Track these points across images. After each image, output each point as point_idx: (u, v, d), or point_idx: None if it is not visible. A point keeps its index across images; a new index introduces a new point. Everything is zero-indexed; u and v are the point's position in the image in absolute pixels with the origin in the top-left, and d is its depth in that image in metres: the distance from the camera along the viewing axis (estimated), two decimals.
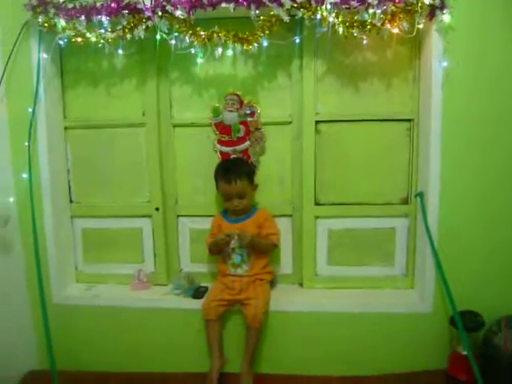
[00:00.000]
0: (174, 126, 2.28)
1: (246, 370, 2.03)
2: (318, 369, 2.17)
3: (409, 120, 2.17)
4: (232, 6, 1.91)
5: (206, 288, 2.27)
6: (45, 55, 2.09)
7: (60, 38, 2.02)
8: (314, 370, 2.17)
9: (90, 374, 2.23)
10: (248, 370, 2.03)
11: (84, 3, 1.99)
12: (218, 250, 2.18)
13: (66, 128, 2.31)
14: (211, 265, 2.36)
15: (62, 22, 1.99)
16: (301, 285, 2.35)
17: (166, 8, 1.92)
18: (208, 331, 2.10)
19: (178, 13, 1.93)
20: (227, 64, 2.19)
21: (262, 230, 2.16)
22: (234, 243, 2.07)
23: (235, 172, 2.10)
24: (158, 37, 1.98)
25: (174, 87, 2.25)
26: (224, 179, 2.10)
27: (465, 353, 1.99)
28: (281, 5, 1.89)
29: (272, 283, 2.27)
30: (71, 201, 2.37)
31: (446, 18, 1.88)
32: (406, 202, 2.23)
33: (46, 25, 2.00)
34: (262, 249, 2.16)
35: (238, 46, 1.98)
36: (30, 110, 2.08)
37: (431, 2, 1.85)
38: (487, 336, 2.00)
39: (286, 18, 1.90)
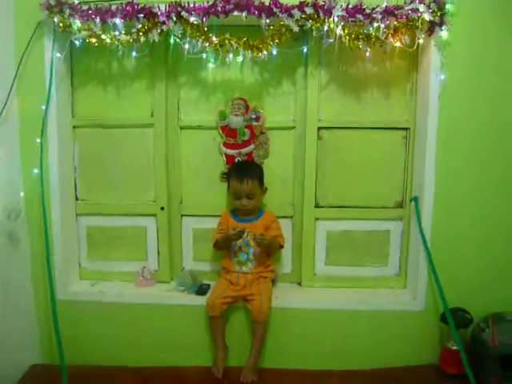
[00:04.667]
0: (182, 128, 2.35)
1: (250, 365, 2.12)
2: (316, 363, 2.26)
3: (405, 129, 2.30)
4: (244, 14, 2.00)
5: (209, 285, 2.34)
6: (58, 54, 2.13)
7: (74, 39, 2.06)
8: (312, 364, 2.26)
9: (94, 367, 2.26)
10: (252, 366, 2.12)
11: (99, 5, 2.04)
12: (225, 245, 2.24)
13: (74, 127, 2.34)
14: (213, 263, 2.43)
15: (77, 23, 2.02)
16: (299, 284, 2.44)
17: (181, 14, 1.99)
18: (212, 326, 2.18)
19: (193, 19, 2.00)
20: (235, 70, 2.27)
21: (269, 231, 2.23)
22: (245, 235, 2.16)
23: (248, 173, 2.18)
24: (171, 41, 2.06)
25: (183, 90, 2.32)
26: (237, 178, 2.17)
27: (454, 348, 2.13)
28: (291, 15, 1.99)
29: (272, 282, 2.34)
30: (77, 198, 2.40)
31: (444, 33, 2.02)
32: (400, 205, 2.36)
33: (61, 25, 2.04)
34: (272, 250, 2.26)
35: (248, 53, 2.06)
36: (43, 107, 2.11)
37: (431, 18, 1.98)
38: (475, 332, 2.14)
39: (296, 28, 2.00)
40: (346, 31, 2.00)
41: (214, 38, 2.04)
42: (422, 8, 1.97)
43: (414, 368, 2.24)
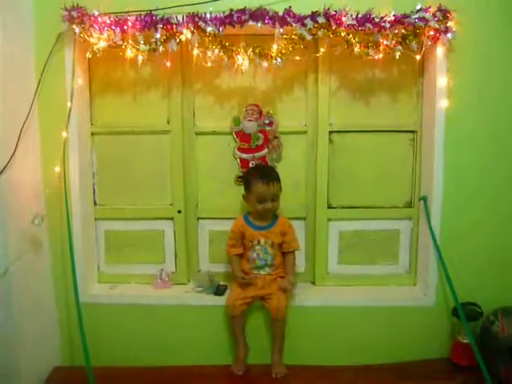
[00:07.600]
0: (197, 133, 2.42)
1: (277, 360, 2.21)
2: (331, 359, 2.33)
3: (412, 131, 2.39)
4: (259, 24, 2.09)
5: (226, 286, 2.42)
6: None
7: (95, 49, 2.11)
8: (327, 360, 2.33)
9: (115, 368, 2.31)
10: (279, 361, 2.22)
11: (119, 16, 2.11)
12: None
13: (92, 134, 2.40)
14: (229, 264, 2.46)
15: (97, 34, 2.10)
16: (313, 283, 2.52)
17: (199, 24, 2.08)
18: (233, 326, 2.25)
19: (209, 29, 2.08)
20: (248, 77, 2.34)
21: (285, 236, 2.29)
22: (263, 242, 2.25)
23: (272, 176, 2.24)
24: (195, 52, 2.11)
25: (198, 97, 2.39)
26: (263, 181, 2.20)
27: (465, 341, 2.22)
28: (304, 25, 2.08)
29: None
30: (95, 203, 2.46)
31: (449, 40, 2.11)
32: (409, 205, 2.44)
33: (82, 35, 2.11)
34: None
35: (263, 61, 2.14)
36: (66, 115, 2.17)
37: (437, 26, 2.09)
38: (485, 325, 2.22)
39: (309, 37, 2.08)
40: (356, 39, 2.09)
41: (230, 47, 2.11)
42: (428, 16, 2.06)
43: (426, 361, 2.32)
